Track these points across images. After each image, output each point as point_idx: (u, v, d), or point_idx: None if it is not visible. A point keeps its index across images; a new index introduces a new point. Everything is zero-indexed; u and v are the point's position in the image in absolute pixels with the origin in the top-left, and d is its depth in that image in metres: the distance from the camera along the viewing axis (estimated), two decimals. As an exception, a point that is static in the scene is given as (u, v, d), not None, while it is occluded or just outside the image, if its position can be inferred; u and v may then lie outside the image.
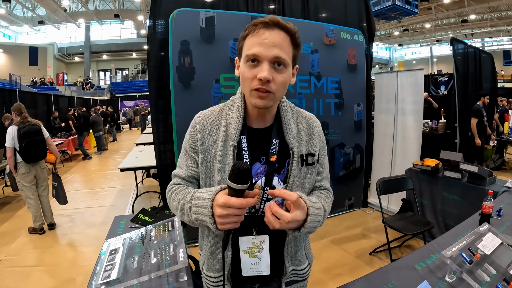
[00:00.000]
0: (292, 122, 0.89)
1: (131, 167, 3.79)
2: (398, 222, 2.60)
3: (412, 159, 3.33)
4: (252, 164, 0.85)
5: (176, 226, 1.32)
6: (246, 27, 0.79)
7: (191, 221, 0.82)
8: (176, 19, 2.56)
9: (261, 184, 0.85)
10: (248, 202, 0.69)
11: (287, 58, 0.76)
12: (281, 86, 0.78)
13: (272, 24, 0.75)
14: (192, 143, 0.90)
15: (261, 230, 0.87)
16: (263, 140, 0.87)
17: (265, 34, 0.74)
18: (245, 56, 0.77)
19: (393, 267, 1.19)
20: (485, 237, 1.17)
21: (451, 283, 1.06)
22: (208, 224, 0.75)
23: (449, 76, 8.25)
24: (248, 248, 0.88)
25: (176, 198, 0.86)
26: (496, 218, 1.70)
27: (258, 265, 0.89)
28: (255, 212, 0.87)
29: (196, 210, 0.77)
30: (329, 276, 2.49)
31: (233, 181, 0.68)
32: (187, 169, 0.91)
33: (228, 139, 0.85)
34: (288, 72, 0.79)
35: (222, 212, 0.70)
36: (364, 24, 3.84)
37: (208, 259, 0.93)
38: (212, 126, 0.88)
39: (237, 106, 0.87)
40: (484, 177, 2.48)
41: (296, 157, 0.85)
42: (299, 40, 0.80)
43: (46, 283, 2.55)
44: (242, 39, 0.80)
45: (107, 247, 1.36)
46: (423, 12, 17.09)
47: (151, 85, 2.79)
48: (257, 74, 0.74)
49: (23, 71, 19.84)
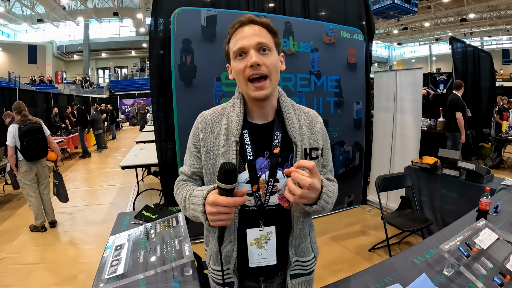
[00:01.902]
0: (294, 117, 0.91)
1: (132, 164, 3.81)
2: (397, 219, 2.63)
3: (411, 157, 3.36)
4: (256, 159, 0.88)
5: (181, 221, 1.34)
6: (227, 33, 0.87)
7: (191, 217, 0.87)
8: (178, 17, 2.57)
9: (265, 178, 0.87)
10: (236, 201, 0.73)
11: (268, 43, 0.83)
12: (273, 68, 0.83)
13: (247, 21, 0.84)
14: (194, 142, 0.93)
15: (268, 222, 0.90)
16: (266, 134, 0.89)
17: (244, 30, 0.83)
18: (232, 54, 0.84)
19: (392, 261, 1.22)
20: (482, 232, 1.20)
21: (449, 276, 1.09)
22: (202, 220, 0.80)
23: (448, 75, 8.30)
24: (256, 240, 0.90)
25: (180, 194, 0.92)
26: (493, 215, 1.73)
27: (265, 256, 0.92)
28: (261, 205, 0.89)
29: (192, 207, 0.82)
30: (329, 272, 2.53)
31: (220, 181, 0.72)
32: (190, 167, 0.96)
33: (230, 135, 0.87)
34: (274, 55, 0.84)
35: (212, 210, 0.74)
36: (363, 23, 3.86)
37: (215, 253, 0.96)
38: (214, 124, 0.91)
39: (237, 102, 0.90)
40: (482, 175, 2.51)
41: (300, 151, 0.88)
42: (274, 28, 0.87)
43: (48, 280, 2.57)
44: (226, 44, 0.88)
45: (112, 243, 1.38)
46: (422, 10, 17.13)
47: (153, 83, 2.80)
48: (247, 63, 0.80)
49: (22, 69, 19.78)
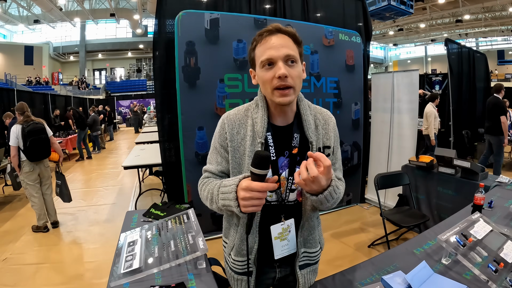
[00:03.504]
0: (311, 118, 0.98)
1: (135, 165, 3.85)
2: (395, 216, 2.71)
3: (407, 156, 3.45)
4: (277, 158, 0.95)
5: (192, 217, 1.39)
6: (252, 40, 0.92)
7: (219, 208, 0.91)
8: (182, 20, 2.63)
9: (285, 175, 0.95)
10: (268, 186, 0.77)
11: (295, 54, 0.87)
12: (297, 79, 0.88)
13: (275, 30, 0.88)
14: (221, 141, 0.99)
15: (287, 215, 0.98)
16: (286, 136, 0.96)
17: (272, 40, 0.86)
18: (260, 63, 0.88)
19: (393, 252, 1.30)
20: (477, 224, 1.28)
21: (447, 264, 1.16)
22: (233, 208, 0.83)
23: (443, 76, 8.42)
24: (279, 234, 0.98)
25: (207, 189, 0.97)
26: (488, 210, 1.81)
27: (287, 246, 1.00)
28: (282, 201, 0.97)
29: (223, 196, 0.86)
30: (330, 267, 2.57)
31: (255, 167, 0.77)
32: (217, 165, 1.01)
33: (256, 137, 0.94)
34: (299, 67, 0.89)
35: (245, 195, 0.79)
36: (361, 25, 3.95)
37: (238, 245, 1.03)
38: (240, 125, 0.97)
39: (261, 106, 0.96)
40: (477, 172, 2.60)
41: (315, 150, 0.95)
42: (300, 38, 0.91)
43: (54, 280, 2.58)
44: (252, 51, 0.92)
45: (124, 239, 1.42)
46: (418, 12, 17.29)
47: (157, 85, 2.86)
48: (275, 74, 0.84)
49: (18, 70, 19.64)
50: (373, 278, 1.11)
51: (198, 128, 2.79)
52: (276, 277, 1.07)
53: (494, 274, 1.06)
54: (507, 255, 1.14)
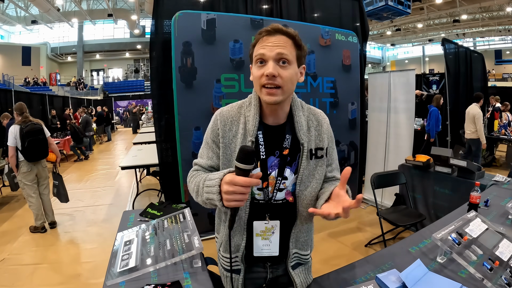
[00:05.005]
0: (303, 119, 0.98)
1: (132, 165, 3.85)
2: (392, 215, 2.72)
3: (404, 155, 3.46)
4: (267, 157, 0.95)
5: (188, 217, 1.40)
6: (255, 38, 0.92)
7: (203, 201, 0.90)
8: (179, 21, 2.63)
9: (275, 175, 0.95)
10: (252, 181, 0.76)
11: (289, 55, 0.86)
12: (288, 81, 0.87)
13: (273, 31, 0.87)
14: (214, 137, 0.99)
15: (273, 216, 0.98)
16: (278, 136, 0.96)
17: (269, 39, 0.87)
18: (254, 59, 0.90)
19: (389, 250, 1.30)
20: (472, 222, 1.28)
21: (442, 263, 1.17)
22: (216, 201, 0.82)
23: (440, 76, 8.46)
24: (261, 232, 0.98)
25: (194, 181, 0.96)
26: (484, 208, 1.82)
27: (268, 247, 0.99)
28: (269, 200, 0.97)
29: (207, 190, 0.85)
30: (327, 266, 2.57)
31: (239, 161, 0.76)
32: (208, 160, 1.01)
33: (247, 135, 0.94)
34: (292, 69, 0.88)
35: (229, 188, 0.77)
36: (358, 25, 3.97)
37: (225, 241, 1.03)
38: (232, 122, 0.97)
39: (253, 104, 0.96)
40: (473, 172, 2.61)
41: (306, 152, 0.95)
42: (300, 41, 0.90)
43: (51, 280, 2.59)
44: (252, 47, 0.93)
45: (121, 239, 1.42)
46: (415, 12, 17.36)
47: (153, 85, 2.86)
48: (264, 72, 0.85)
49: (16, 71, 19.56)
50: (368, 276, 1.12)
51: (195, 128, 2.80)
52: (268, 278, 1.07)
53: (489, 272, 1.07)
54: (502, 254, 1.15)
